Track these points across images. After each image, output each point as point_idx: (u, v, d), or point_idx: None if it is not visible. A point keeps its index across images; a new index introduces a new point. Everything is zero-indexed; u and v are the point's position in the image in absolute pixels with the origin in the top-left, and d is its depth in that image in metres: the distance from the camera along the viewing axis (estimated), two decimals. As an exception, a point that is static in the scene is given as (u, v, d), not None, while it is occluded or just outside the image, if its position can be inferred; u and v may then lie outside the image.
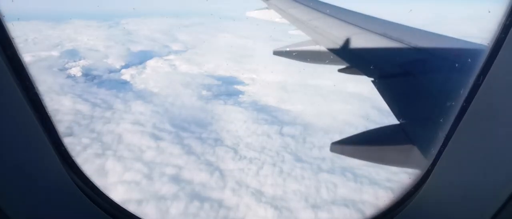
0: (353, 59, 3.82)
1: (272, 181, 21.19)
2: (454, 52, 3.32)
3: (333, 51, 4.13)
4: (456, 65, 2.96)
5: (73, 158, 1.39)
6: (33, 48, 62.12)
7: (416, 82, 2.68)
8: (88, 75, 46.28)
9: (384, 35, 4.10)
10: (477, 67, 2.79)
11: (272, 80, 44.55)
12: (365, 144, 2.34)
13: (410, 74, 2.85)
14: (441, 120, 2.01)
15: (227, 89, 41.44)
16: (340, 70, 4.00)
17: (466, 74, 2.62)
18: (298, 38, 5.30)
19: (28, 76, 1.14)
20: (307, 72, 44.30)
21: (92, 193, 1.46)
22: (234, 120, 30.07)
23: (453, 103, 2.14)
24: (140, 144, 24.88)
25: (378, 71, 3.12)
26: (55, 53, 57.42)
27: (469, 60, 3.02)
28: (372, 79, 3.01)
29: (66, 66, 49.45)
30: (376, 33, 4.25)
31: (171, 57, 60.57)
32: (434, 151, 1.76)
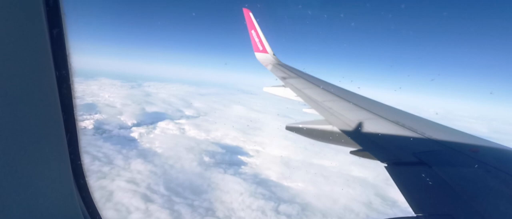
0: (366, 143, 3.79)
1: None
2: (469, 147, 3.36)
3: (346, 132, 4.16)
4: (473, 159, 3.00)
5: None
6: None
7: (432, 173, 2.69)
8: (99, 128, 47.68)
9: (397, 123, 4.16)
10: (493, 163, 2.86)
11: (277, 155, 44.21)
12: None
13: (425, 163, 2.85)
14: (459, 215, 2.02)
15: (230, 158, 41.15)
16: (352, 152, 3.97)
17: (483, 170, 2.72)
18: (311, 116, 5.46)
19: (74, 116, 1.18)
20: (313, 151, 44.11)
21: None
22: (230, 191, 29.07)
23: (473, 199, 2.23)
24: (128, 204, 24.01)
25: (391, 157, 3.12)
26: (74, 105, 60.44)
27: (486, 156, 3.09)
28: (385, 164, 3.00)
29: (80, 118, 51.35)
30: (389, 120, 4.33)
31: (182, 121, 62.35)
32: None
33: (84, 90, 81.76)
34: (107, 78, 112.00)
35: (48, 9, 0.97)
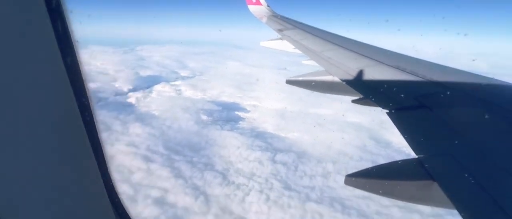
0: (367, 91, 3.79)
1: (257, 209, 20.63)
2: (470, 87, 3.36)
3: (346, 81, 4.15)
4: (474, 99, 3.01)
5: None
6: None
7: (434, 115, 2.71)
8: (95, 97, 47.80)
9: (397, 68, 4.14)
10: (495, 100, 2.87)
11: (274, 108, 44.74)
12: (381, 178, 2.24)
13: (426, 106, 2.85)
14: (462, 155, 2.03)
15: (227, 115, 41.77)
16: (353, 101, 3.97)
17: (484, 108, 2.73)
18: (311, 68, 5.39)
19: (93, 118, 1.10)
20: (308, 101, 44.49)
21: None
22: (228, 146, 29.98)
23: (474, 138, 2.26)
24: (130, 165, 24.97)
25: (393, 103, 3.12)
26: (66, 75, 59.99)
27: (487, 94, 3.08)
28: (387, 111, 3.00)
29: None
30: (389, 65, 4.29)
31: (178, 82, 62.20)
32: (457, 188, 1.79)
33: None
34: (98, 45, 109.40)
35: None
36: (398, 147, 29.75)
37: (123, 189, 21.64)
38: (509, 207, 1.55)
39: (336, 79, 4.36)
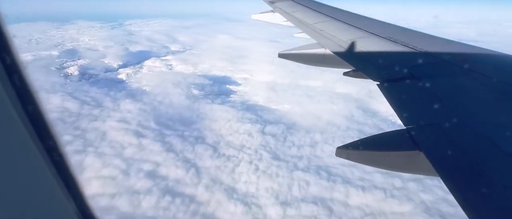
0: (358, 63, 3.84)
1: (246, 179, 21.45)
2: (458, 56, 3.42)
3: (338, 54, 4.16)
4: (462, 69, 3.06)
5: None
6: (35, 48, 63.71)
7: (422, 86, 2.76)
8: (85, 74, 47.26)
9: (389, 39, 4.16)
10: (481, 70, 2.95)
11: (265, 80, 44.84)
12: (371, 149, 2.30)
13: (415, 78, 2.90)
14: (447, 125, 2.08)
15: (219, 89, 41.89)
16: (345, 74, 4.03)
17: (471, 78, 2.82)
18: (303, 41, 5.37)
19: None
20: (299, 73, 44.59)
21: None
22: (219, 119, 30.42)
23: (459, 107, 2.34)
24: (122, 141, 25.41)
25: (383, 75, 3.17)
26: (55, 52, 58.78)
27: (474, 64, 3.14)
28: (378, 82, 3.06)
29: (64, 65, 50.61)
30: (381, 36, 4.33)
31: (169, 57, 61.41)
32: (441, 157, 1.84)
33: (62, 36, 78.43)
34: (85, 21, 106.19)
35: None
36: (384, 116, 30.47)
37: (116, 163, 22.25)
38: (489, 172, 1.60)
39: (328, 51, 4.41)
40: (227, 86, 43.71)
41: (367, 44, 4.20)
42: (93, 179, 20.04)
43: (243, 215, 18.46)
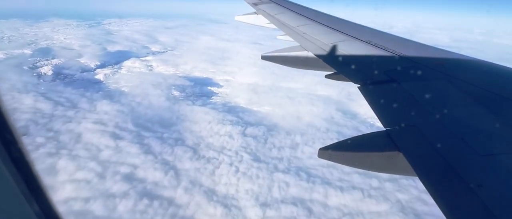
0: (340, 65, 3.89)
1: (226, 181, 21.29)
2: (434, 60, 3.54)
3: (320, 56, 4.21)
4: (438, 72, 3.16)
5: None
6: (7, 46, 60.83)
7: (401, 88, 2.83)
8: (60, 73, 45.54)
9: (369, 43, 4.26)
10: (456, 74, 3.03)
11: (247, 82, 44.85)
12: (352, 150, 2.33)
13: (395, 80, 2.98)
14: (425, 127, 2.14)
15: (200, 90, 41.47)
16: (327, 76, 4.07)
17: (446, 81, 2.89)
18: (285, 43, 5.41)
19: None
20: (281, 75, 44.98)
21: None
22: (199, 121, 30.09)
23: (435, 110, 2.38)
24: (98, 143, 24.61)
25: (364, 78, 3.24)
26: (27, 51, 56.30)
27: (449, 67, 3.26)
28: (359, 85, 3.11)
29: (37, 64, 48.54)
30: (361, 40, 4.41)
31: (149, 58, 60.25)
32: (419, 157, 1.88)
33: (36, 34, 75.34)
34: (60, 18, 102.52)
35: None
36: (363, 118, 31.22)
37: (91, 166, 21.50)
38: (463, 173, 1.66)
39: (310, 54, 4.45)
40: (209, 87, 43.36)
41: (348, 48, 4.30)
42: (66, 183, 19.27)
43: (222, 217, 18.29)
